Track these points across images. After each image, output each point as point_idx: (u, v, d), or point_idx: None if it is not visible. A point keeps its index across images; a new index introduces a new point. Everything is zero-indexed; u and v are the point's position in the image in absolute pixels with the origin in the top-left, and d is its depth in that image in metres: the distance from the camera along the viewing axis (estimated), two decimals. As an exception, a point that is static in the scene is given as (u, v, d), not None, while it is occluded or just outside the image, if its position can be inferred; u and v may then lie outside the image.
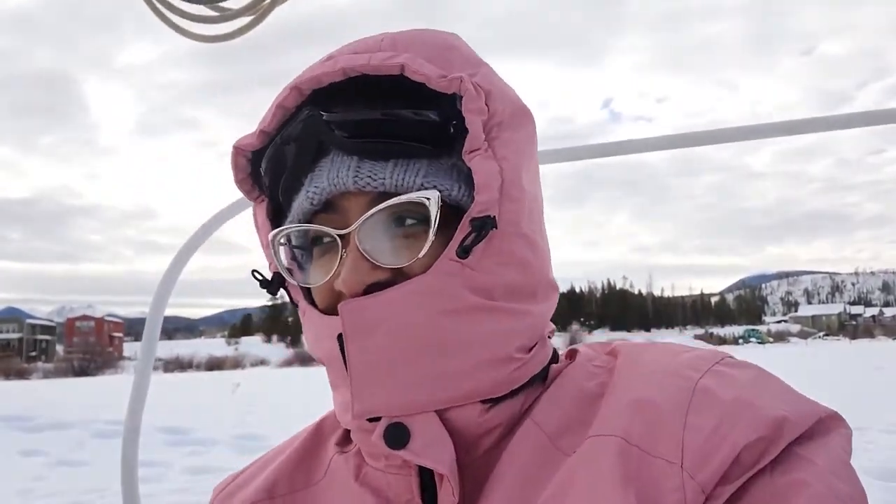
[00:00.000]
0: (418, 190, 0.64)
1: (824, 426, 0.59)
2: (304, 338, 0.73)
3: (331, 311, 0.66)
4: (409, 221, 0.65)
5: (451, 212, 0.64)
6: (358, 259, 0.63)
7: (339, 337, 0.63)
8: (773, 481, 0.55)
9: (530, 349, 0.68)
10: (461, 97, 0.64)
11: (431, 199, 0.63)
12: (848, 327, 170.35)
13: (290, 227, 0.69)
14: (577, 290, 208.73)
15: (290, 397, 15.82)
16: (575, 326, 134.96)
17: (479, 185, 0.64)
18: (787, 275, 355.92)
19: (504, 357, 0.65)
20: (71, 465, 8.39)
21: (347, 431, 0.76)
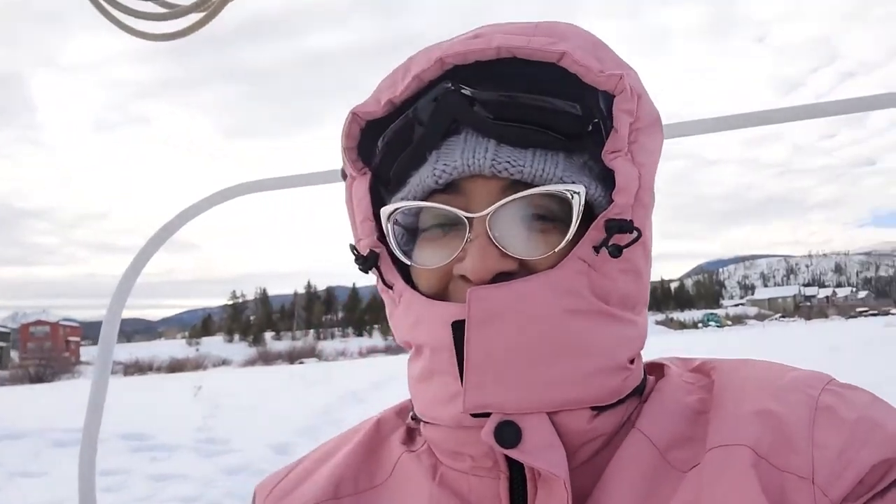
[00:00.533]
0: (557, 183, 0.62)
1: None
2: (392, 322, 0.71)
3: (438, 296, 0.65)
4: (543, 213, 0.63)
5: (584, 210, 0.63)
6: (488, 245, 0.61)
7: (455, 324, 0.61)
8: (884, 501, 0.55)
9: (633, 360, 0.67)
10: (613, 96, 0.63)
11: (579, 194, 0.62)
12: (803, 308, 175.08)
13: (418, 204, 0.66)
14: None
15: (254, 397, 15.66)
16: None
17: (620, 187, 0.63)
18: (743, 259, 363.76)
19: (617, 366, 0.64)
20: (28, 476, 8.15)
21: (411, 431, 0.76)
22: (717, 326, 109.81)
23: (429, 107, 0.64)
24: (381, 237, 0.71)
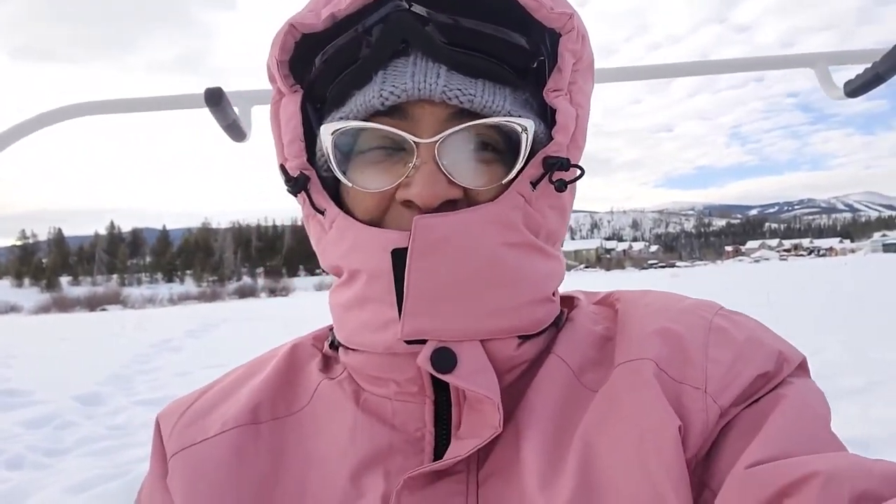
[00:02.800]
0: (505, 116, 0.62)
1: (803, 366, 0.66)
2: (318, 248, 0.69)
3: (374, 222, 0.64)
4: (490, 144, 0.63)
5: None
6: (436, 172, 0.60)
7: (395, 252, 0.60)
8: (758, 406, 0.60)
9: (554, 293, 0.70)
10: (558, 34, 0.64)
11: (528, 129, 0.62)
12: (603, 260, 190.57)
13: (366, 125, 0.63)
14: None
15: (52, 346, 14.41)
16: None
17: (560, 125, 0.64)
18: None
19: (544, 297, 0.66)
20: None
21: (327, 359, 0.76)
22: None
23: (378, 24, 0.62)
24: (310, 159, 0.69)
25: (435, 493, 0.61)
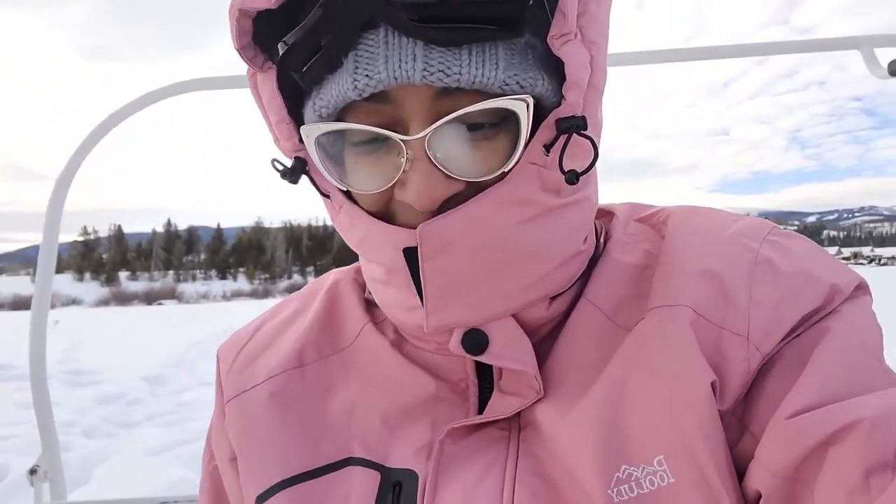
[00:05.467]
0: (501, 86, 0.53)
1: (860, 290, 0.61)
2: (335, 224, 0.65)
3: (380, 214, 0.60)
4: (487, 120, 0.55)
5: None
6: (430, 170, 0.54)
7: (406, 250, 0.57)
8: (799, 341, 0.57)
9: (586, 238, 0.65)
10: None
11: (527, 104, 0.54)
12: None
13: (342, 126, 0.56)
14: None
15: (115, 336, 15.01)
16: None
17: (571, 81, 0.55)
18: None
19: (573, 254, 0.63)
20: None
21: (369, 303, 0.75)
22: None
23: (336, 3, 0.53)
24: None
25: (478, 441, 0.61)
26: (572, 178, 0.54)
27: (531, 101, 0.54)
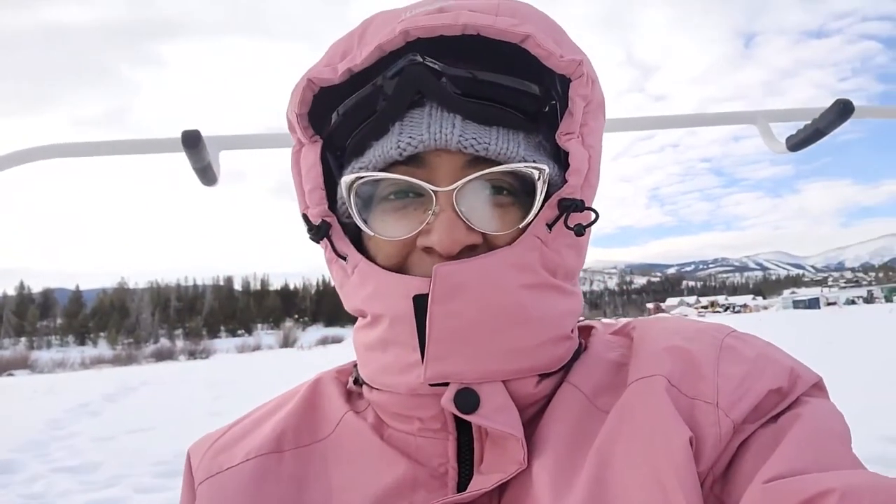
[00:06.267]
0: (520, 161, 0.64)
1: (819, 386, 0.66)
2: (342, 291, 0.71)
3: (396, 267, 0.66)
4: (506, 189, 0.65)
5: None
6: (455, 219, 0.62)
7: (416, 298, 0.62)
8: (777, 425, 0.61)
9: (573, 329, 0.72)
10: (569, 79, 0.66)
11: (543, 173, 0.64)
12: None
13: (386, 176, 0.65)
14: (292, 286, 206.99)
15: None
16: (289, 323, 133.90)
17: (574, 168, 0.66)
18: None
19: (563, 335, 0.68)
20: None
21: (351, 394, 0.77)
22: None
23: (393, 78, 0.64)
24: (331, 207, 0.72)
25: None
26: (579, 230, 0.65)
27: (546, 171, 0.64)
